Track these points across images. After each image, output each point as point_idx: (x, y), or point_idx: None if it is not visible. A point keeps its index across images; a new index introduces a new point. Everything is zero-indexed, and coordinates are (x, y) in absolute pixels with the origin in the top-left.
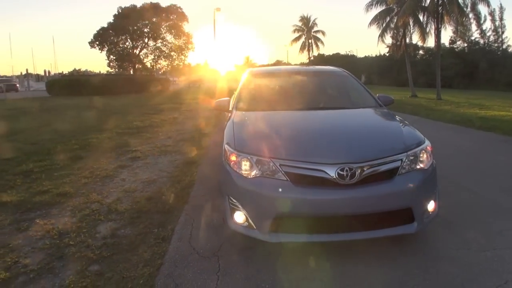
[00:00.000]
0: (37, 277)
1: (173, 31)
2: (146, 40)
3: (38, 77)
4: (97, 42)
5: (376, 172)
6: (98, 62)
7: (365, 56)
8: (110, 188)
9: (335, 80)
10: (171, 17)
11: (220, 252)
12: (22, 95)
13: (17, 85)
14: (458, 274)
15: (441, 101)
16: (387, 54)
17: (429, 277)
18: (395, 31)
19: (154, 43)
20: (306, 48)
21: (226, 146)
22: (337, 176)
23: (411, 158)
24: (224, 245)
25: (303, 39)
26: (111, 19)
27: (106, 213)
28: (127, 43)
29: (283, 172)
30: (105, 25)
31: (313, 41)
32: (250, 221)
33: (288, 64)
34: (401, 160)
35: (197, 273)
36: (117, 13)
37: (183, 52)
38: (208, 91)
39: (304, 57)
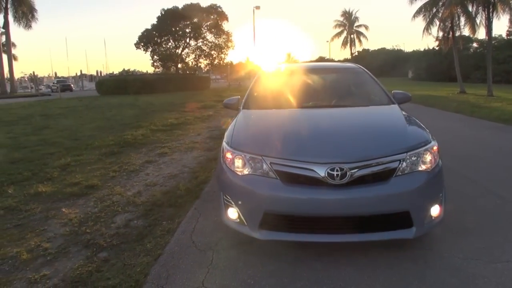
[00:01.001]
0: (53, 259)
1: (213, 30)
2: (187, 40)
3: (91, 78)
4: (142, 44)
5: (370, 173)
6: (145, 62)
7: (413, 51)
8: (134, 182)
9: (348, 78)
10: (212, 16)
11: (217, 246)
12: (76, 94)
13: (72, 85)
14: (457, 286)
15: (492, 98)
16: (436, 48)
17: (423, 286)
18: (441, 23)
19: (195, 42)
20: (348, 44)
21: (224, 144)
22: (327, 176)
23: (413, 159)
24: (222, 240)
25: (344, 34)
26: (155, 21)
27: (124, 205)
28: (170, 44)
29: (273, 171)
30: (149, 27)
31: (355, 36)
32: (242, 217)
33: (331, 60)
34: (400, 161)
35: (189, 265)
36: (160, 15)
37: (223, 50)
38: (247, 89)
39: (347, 53)
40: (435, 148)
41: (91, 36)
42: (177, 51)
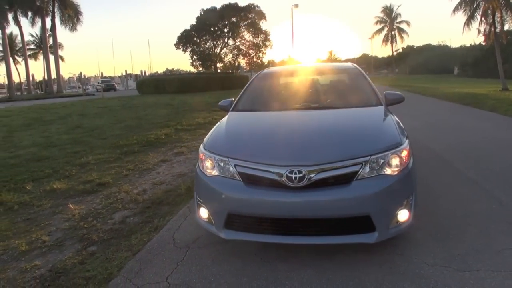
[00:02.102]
0: (47, 252)
1: (251, 29)
2: (225, 39)
3: (136, 77)
4: (181, 44)
5: (329, 176)
6: (188, 62)
7: (460, 46)
8: (143, 180)
9: (341, 79)
10: (249, 16)
11: (194, 244)
12: (118, 94)
13: (115, 85)
14: None
15: None
16: (483, 43)
17: None
18: (482, 17)
19: (233, 42)
20: (390, 41)
21: (200, 146)
22: (285, 179)
23: (377, 162)
24: (200, 238)
25: (385, 31)
26: (194, 21)
27: (127, 202)
28: (208, 43)
29: (237, 172)
30: (188, 28)
31: (396, 33)
32: (210, 217)
33: (375, 57)
34: (361, 164)
35: (162, 261)
36: (199, 15)
37: (260, 49)
38: None
39: (389, 50)
40: (405, 151)
41: (136, 37)
42: (215, 50)
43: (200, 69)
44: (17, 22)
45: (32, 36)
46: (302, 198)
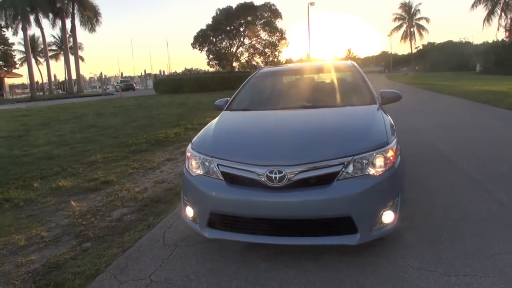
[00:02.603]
0: (44, 247)
1: (267, 28)
2: (241, 38)
3: (155, 77)
4: (198, 43)
5: (310, 176)
6: (205, 61)
7: (483, 43)
8: (146, 179)
9: (338, 77)
10: (265, 15)
11: (182, 242)
12: (137, 93)
13: (134, 84)
14: None
15: None
16: (506, 39)
17: None
18: (502, 12)
19: (249, 41)
20: (408, 38)
21: (189, 145)
22: (265, 179)
23: (360, 162)
24: (189, 237)
25: (404, 28)
26: (210, 21)
27: (126, 200)
28: (224, 43)
29: (219, 172)
30: (204, 27)
31: (415, 30)
32: (195, 216)
33: (394, 55)
34: (343, 164)
35: (149, 258)
36: (215, 14)
37: (276, 48)
38: None
39: (408, 47)
40: (391, 151)
41: (155, 37)
42: (231, 49)
43: (217, 68)
44: (39, 24)
45: (54, 37)
46: (282, 198)
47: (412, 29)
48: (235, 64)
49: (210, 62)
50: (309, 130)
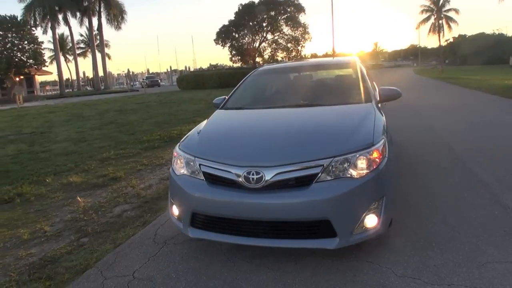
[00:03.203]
0: (45, 241)
1: (290, 23)
2: (264, 33)
3: (181, 73)
4: (220, 39)
5: (288, 178)
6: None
7: None
8: (152, 176)
9: (337, 74)
10: (288, 9)
11: (171, 240)
12: (160, 89)
13: (159, 81)
14: None
15: None
16: None
17: None
18: None
19: (272, 36)
20: (436, 30)
21: (177, 145)
22: (243, 180)
23: (341, 164)
24: (179, 235)
25: (432, 20)
26: (233, 16)
27: (130, 197)
28: (247, 38)
29: (201, 172)
30: (227, 23)
31: (444, 22)
32: (179, 214)
33: (424, 48)
34: (323, 166)
35: (137, 255)
36: (237, 10)
37: (299, 43)
38: None
39: (437, 40)
40: (375, 153)
41: (181, 33)
42: (254, 45)
43: (239, 64)
44: (67, 23)
45: (81, 35)
46: (259, 200)
47: (440, 21)
48: (258, 59)
49: (233, 58)
50: (293, 130)
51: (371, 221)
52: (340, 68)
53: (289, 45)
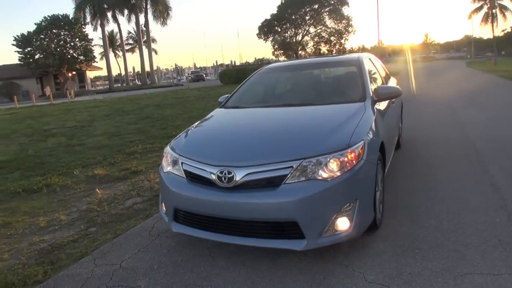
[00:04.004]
0: (58, 229)
1: (333, 16)
2: (307, 27)
3: (226, 67)
4: (262, 33)
5: (257, 178)
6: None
7: None
8: None
9: (338, 73)
10: (332, 2)
11: (164, 233)
12: (204, 84)
13: (204, 75)
14: None
15: None
16: None
17: None
18: None
19: (315, 29)
20: (490, 20)
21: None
22: (217, 179)
23: (315, 165)
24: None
25: (484, 9)
26: (275, 10)
27: (144, 190)
28: (289, 32)
29: (182, 169)
30: (269, 17)
31: (497, 11)
32: (166, 209)
33: (478, 39)
34: (292, 167)
35: (129, 246)
36: (280, 3)
37: (343, 36)
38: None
39: (496, 31)
40: (350, 155)
41: (227, 28)
42: (296, 38)
43: (282, 58)
44: (116, 20)
45: (129, 32)
46: (230, 199)
47: (494, 11)
48: (301, 53)
49: (275, 52)
50: (271, 130)
51: (342, 224)
52: (343, 66)
53: (332, 38)
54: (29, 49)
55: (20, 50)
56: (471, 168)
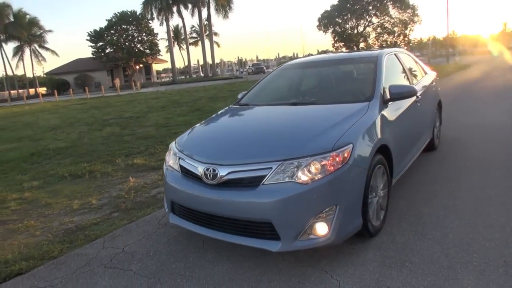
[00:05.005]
0: (87, 212)
1: (397, 5)
2: (369, 17)
3: (290, 59)
4: (322, 25)
5: (238, 177)
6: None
7: None
8: None
9: (352, 70)
10: None
11: (168, 224)
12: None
13: (264, 68)
14: None
15: None
16: None
17: None
18: None
19: (378, 19)
20: None
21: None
22: (203, 175)
23: (294, 167)
24: None
25: None
26: (336, 1)
27: None
28: (350, 23)
29: (178, 165)
30: (329, 8)
31: None
32: (166, 201)
33: None
34: (271, 168)
35: (138, 233)
36: None
37: (407, 26)
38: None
39: None
40: (333, 159)
41: (290, 20)
42: (358, 29)
43: (344, 49)
44: (180, 14)
45: (193, 26)
46: (214, 195)
47: None
48: (362, 45)
49: (335, 44)
50: (264, 130)
51: (320, 229)
52: (360, 63)
53: (395, 29)
54: (101, 43)
55: (93, 44)
56: (508, 179)
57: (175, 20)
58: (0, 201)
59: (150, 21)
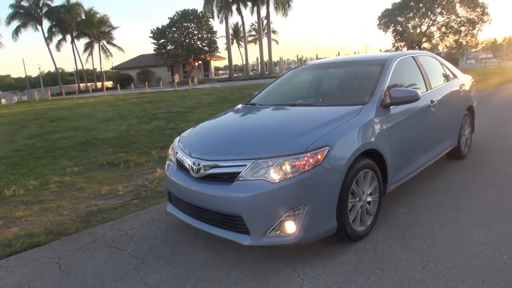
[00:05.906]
0: (111, 198)
1: (465, 3)
2: (433, 16)
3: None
4: (383, 24)
5: (217, 173)
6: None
7: None
8: None
9: (357, 73)
10: None
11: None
12: None
13: None
14: None
15: None
16: None
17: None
18: None
19: (443, 18)
20: None
21: None
22: (190, 168)
23: (266, 165)
24: None
25: None
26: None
27: None
28: (413, 22)
29: (175, 158)
30: (389, 7)
31: None
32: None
33: None
34: (245, 166)
35: (143, 219)
36: None
37: (476, 26)
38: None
39: None
40: (305, 160)
41: (352, 19)
42: (421, 28)
43: (404, 49)
44: (239, 12)
45: (252, 24)
46: (198, 188)
47: None
48: (426, 45)
49: (396, 44)
50: (252, 130)
51: (289, 227)
52: (368, 65)
53: (462, 28)
54: (162, 41)
55: (155, 41)
56: None
57: (235, 18)
58: (43, 183)
59: (211, 19)
